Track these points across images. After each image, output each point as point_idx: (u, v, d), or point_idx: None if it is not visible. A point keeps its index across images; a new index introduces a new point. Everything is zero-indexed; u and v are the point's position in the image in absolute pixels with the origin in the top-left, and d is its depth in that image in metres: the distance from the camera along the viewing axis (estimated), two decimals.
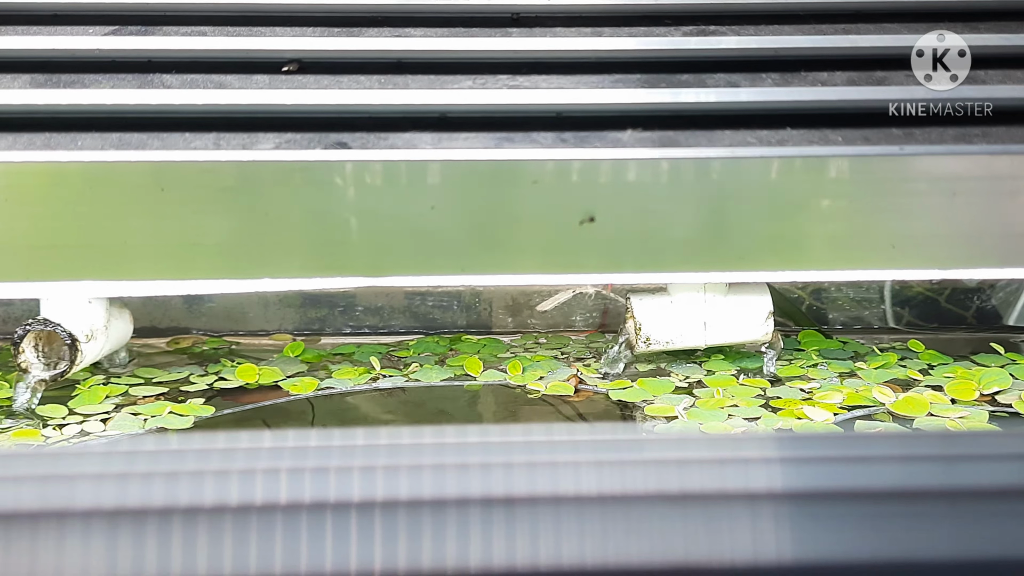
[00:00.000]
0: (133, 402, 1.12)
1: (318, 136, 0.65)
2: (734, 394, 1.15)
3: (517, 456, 0.51)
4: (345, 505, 0.47)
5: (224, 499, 0.46)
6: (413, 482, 0.48)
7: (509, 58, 0.70)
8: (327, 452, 0.50)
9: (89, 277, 0.61)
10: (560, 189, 0.64)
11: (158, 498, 0.46)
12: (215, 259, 0.63)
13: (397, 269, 0.64)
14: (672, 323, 1.19)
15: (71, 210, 0.64)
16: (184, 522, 0.46)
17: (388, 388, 1.19)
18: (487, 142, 0.65)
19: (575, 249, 0.62)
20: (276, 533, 0.45)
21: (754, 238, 0.61)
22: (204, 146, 0.64)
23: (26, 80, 0.69)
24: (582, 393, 1.19)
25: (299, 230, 0.64)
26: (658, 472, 0.52)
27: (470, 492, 0.48)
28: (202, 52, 0.71)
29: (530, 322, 1.43)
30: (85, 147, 0.64)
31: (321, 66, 0.69)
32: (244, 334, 1.36)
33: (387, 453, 0.50)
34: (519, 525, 0.48)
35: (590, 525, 0.49)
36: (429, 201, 0.63)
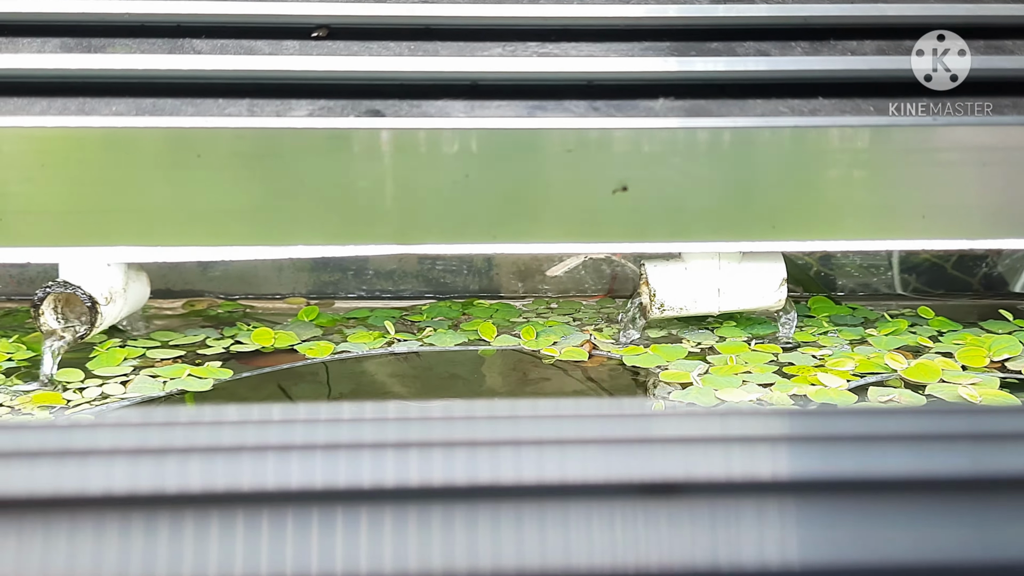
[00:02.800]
0: (151, 364, 1.13)
1: (351, 103, 0.65)
2: (747, 360, 1.16)
3: (534, 432, 0.48)
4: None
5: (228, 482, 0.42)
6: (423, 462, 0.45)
7: (538, 25, 0.70)
8: (337, 426, 0.47)
9: (126, 243, 0.61)
10: (593, 158, 0.64)
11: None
12: (249, 226, 0.63)
13: (430, 237, 0.64)
14: (686, 289, 1.20)
15: (108, 175, 0.64)
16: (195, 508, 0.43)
17: (403, 352, 1.20)
18: (520, 110, 0.65)
19: (608, 218, 0.63)
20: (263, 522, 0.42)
21: (787, 208, 0.61)
22: (238, 112, 0.64)
23: (56, 44, 0.69)
24: (596, 358, 1.19)
25: (332, 198, 0.65)
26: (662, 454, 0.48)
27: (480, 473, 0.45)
28: (231, 17, 0.70)
29: (541, 287, 1.44)
30: (119, 112, 0.65)
31: (350, 32, 0.69)
32: (258, 297, 1.37)
33: (397, 428, 0.47)
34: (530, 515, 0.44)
35: (596, 514, 0.44)
36: (464, 170, 0.63)
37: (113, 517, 0.41)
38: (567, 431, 0.46)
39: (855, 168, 0.61)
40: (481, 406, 0.50)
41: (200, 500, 0.41)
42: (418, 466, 0.43)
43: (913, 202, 0.62)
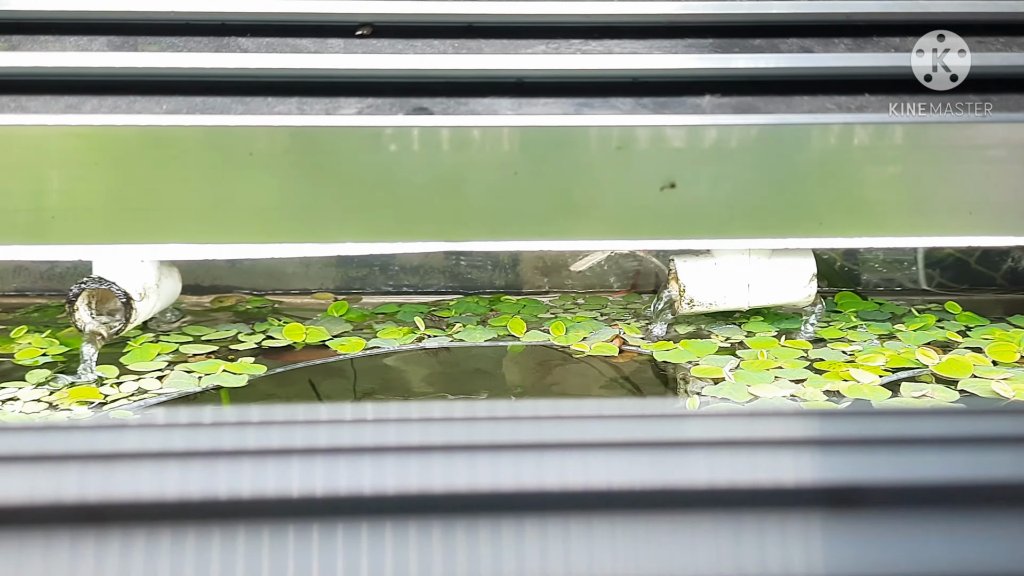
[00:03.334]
0: (184, 360, 1.14)
1: (399, 101, 0.65)
2: (777, 356, 1.16)
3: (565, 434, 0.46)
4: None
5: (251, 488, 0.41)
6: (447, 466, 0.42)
7: (581, 22, 0.71)
8: (361, 428, 0.45)
9: (179, 240, 0.62)
10: (641, 155, 0.64)
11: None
12: (299, 223, 0.63)
13: (479, 235, 0.65)
14: (716, 285, 1.20)
15: (160, 173, 0.65)
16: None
17: (434, 348, 1.21)
18: (567, 108, 0.65)
19: (656, 215, 0.63)
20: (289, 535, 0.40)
21: (835, 204, 0.61)
22: (288, 111, 0.65)
23: (103, 42, 0.69)
24: (626, 354, 1.20)
25: (381, 195, 0.65)
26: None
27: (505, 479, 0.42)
28: (276, 15, 0.71)
29: (566, 283, 1.44)
30: (170, 111, 0.65)
31: (393, 30, 0.69)
32: (286, 293, 1.38)
33: (419, 429, 0.45)
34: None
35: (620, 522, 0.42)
36: (512, 167, 0.63)
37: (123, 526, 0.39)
38: (596, 433, 0.45)
39: (902, 164, 0.61)
40: (508, 407, 0.49)
41: (223, 508, 0.40)
42: (444, 471, 0.42)
43: (960, 198, 0.62)
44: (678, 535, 0.41)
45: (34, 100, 0.65)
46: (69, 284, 1.36)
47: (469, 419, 0.46)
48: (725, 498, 0.42)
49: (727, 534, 0.41)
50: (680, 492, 0.42)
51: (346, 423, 0.45)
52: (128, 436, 0.43)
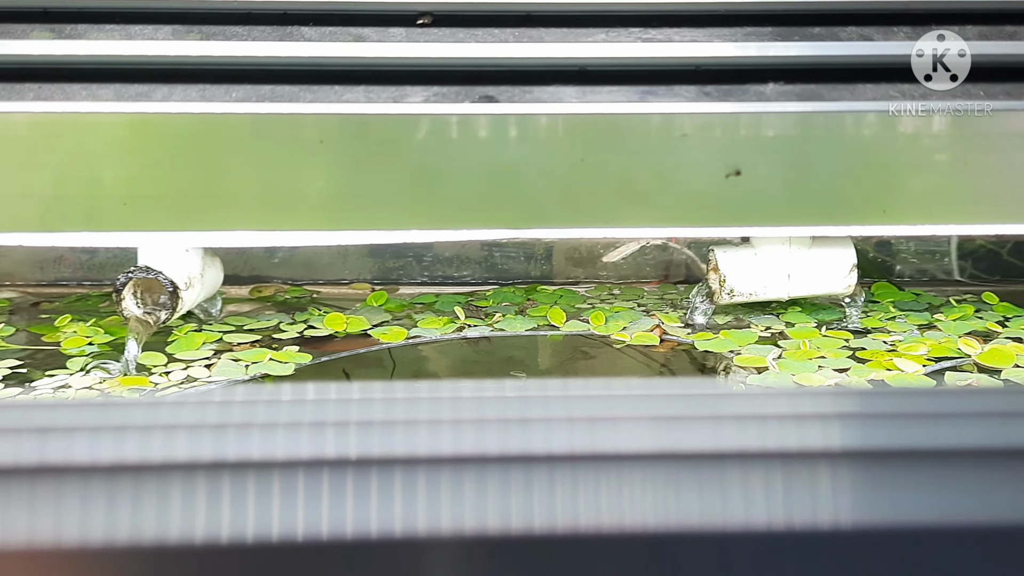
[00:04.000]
0: (229, 348, 1.15)
1: (464, 89, 0.66)
2: (819, 345, 1.17)
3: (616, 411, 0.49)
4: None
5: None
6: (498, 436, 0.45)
7: (640, 11, 0.71)
8: (413, 404, 0.48)
9: (244, 227, 0.62)
10: (707, 142, 0.65)
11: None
12: (369, 210, 0.64)
13: (544, 222, 0.65)
14: (756, 275, 1.21)
15: (234, 160, 0.65)
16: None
17: (475, 337, 1.21)
18: (631, 96, 0.66)
19: (722, 202, 0.63)
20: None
21: (901, 192, 0.62)
22: (356, 99, 0.65)
23: (168, 31, 0.70)
24: (667, 343, 1.20)
25: (448, 182, 0.65)
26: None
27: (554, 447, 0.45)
28: (337, 4, 0.71)
29: (599, 273, 1.45)
30: (239, 99, 0.66)
31: (454, 19, 0.70)
32: (324, 283, 1.38)
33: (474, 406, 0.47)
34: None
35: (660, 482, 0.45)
36: (579, 154, 0.64)
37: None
38: (626, 408, 0.48)
39: (968, 153, 0.61)
40: (541, 385, 0.51)
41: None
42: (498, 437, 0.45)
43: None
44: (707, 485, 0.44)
45: (105, 88, 0.66)
46: (109, 273, 1.37)
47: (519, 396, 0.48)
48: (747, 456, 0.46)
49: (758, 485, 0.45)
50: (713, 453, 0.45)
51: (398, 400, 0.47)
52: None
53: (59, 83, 0.67)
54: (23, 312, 1.27)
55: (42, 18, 0.70)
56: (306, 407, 0.46)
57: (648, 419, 0.48)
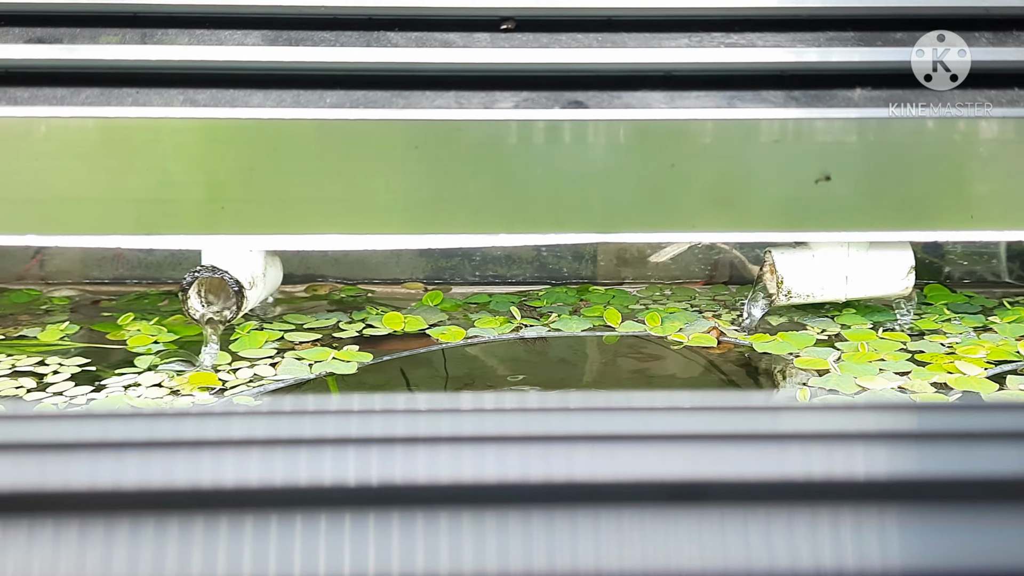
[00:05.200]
0: (291, 347, 1.16)
1: (553, 95, 0.66)
2: (876, 348, 1.17)
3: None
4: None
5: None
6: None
7: (721, 15, 0.71)
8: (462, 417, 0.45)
9: (342, 231, 0.63)
10: (796, 148, 0.65)
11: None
12: (460, 214, 0.65)
13: (632, 226, 0.66)
14: (814, 277, 1.21)
15: (324, 165, 0.66)
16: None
17: (532, 337, 1.22)
18: (719, 101, 0.66)
19: (811, 207, 0.64)
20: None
21: (987, 198, 0.62)
22: (447, 104, 0.66)
23: (257, 36, 0.71)
24: (724, 345, 1.21)
25: (538, 186, 0.66)
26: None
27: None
28: (422, 10, 0.72)
29: (646, 273, 1.45)
30: (333, 104, 0.66)
31: (535, 24, 0.71)
32: (377, 282, 1.39)
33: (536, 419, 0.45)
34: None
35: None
36: (669, 159, 0.64)
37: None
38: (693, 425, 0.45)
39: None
40: (586, 399, 0.48)
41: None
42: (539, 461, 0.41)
43: None
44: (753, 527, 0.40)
45: (202, 93, 0.67)
46: (165, 272, 1.39)
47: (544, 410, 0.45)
48: (804, 489, 0.41)
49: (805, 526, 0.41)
50: (766, 484, 0.42)
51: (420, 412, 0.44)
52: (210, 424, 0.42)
53: (158, 88, 0.68)
54: (83, 310, 1.28)
55: (131, 22, 0.71)
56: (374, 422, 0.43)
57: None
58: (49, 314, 1.26)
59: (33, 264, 1.39)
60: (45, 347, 1.14)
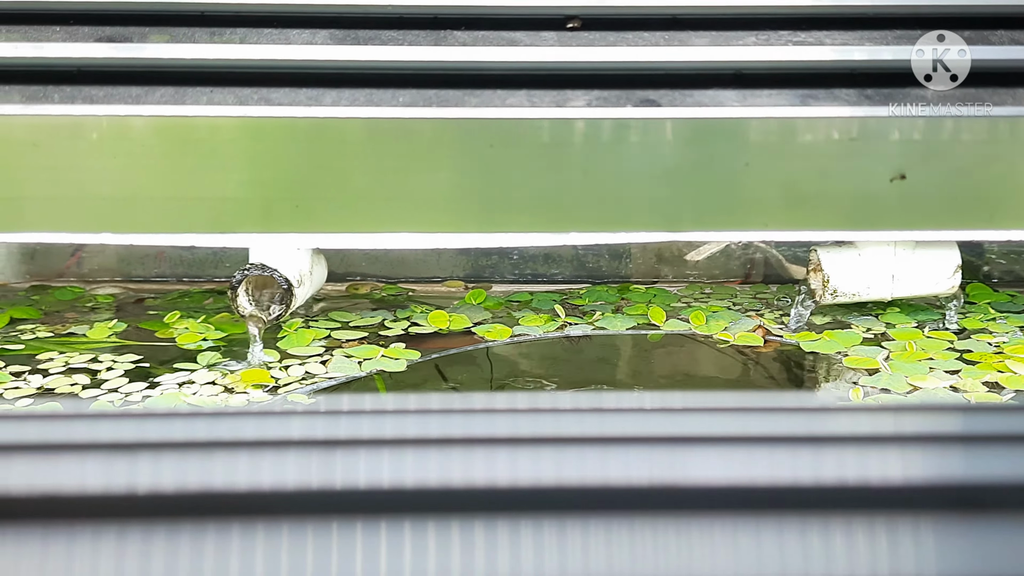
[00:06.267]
0: (338, 345, 1.16)
1: (625, 93, 0.66)
2: (924, 347, 1.16)
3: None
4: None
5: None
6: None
7: (787, 14, 0.71)
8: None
9: (416, 229, 0.64)
10: (870, 146, 0.65)
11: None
12: (532, 213, 0.65)
13: (703, 225, 0.66)
14: (860, 276, 1.20)
15: (398, 163, 0.66)
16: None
17: (577, 336, 1.22)
18: (791, 99, 0.66)
19: (886, 206, 0.64)
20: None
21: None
22: (520, 103, 0.66)
23: (325, 36, 0.71)
24: (770, 343, 1.20)
25: (609, 185, 0.66)
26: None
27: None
28: (486, 9, 0.72)
29: (684, 271, 1.45)
30: (406, 103, 0.67)
31: (601, 22, 0.71)
32: (417, 280, 1.40)
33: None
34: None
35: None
36: (743, 158, 0.64)
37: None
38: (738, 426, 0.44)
39: None
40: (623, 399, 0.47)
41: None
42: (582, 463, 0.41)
43: None
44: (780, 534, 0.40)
45: (276, 92, 0.67)
46: (207, 270, 1.39)
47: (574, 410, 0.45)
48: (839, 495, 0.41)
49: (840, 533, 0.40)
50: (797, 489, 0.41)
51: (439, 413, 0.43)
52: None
53: (231, 87, 0.69)
54: (128, 308, 1.29)
55: (199, 21, 0.71)
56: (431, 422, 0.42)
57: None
58: (95, 312, 1.26)
59: (72, 262, 1.39)
60: (96, 344, 1.14)
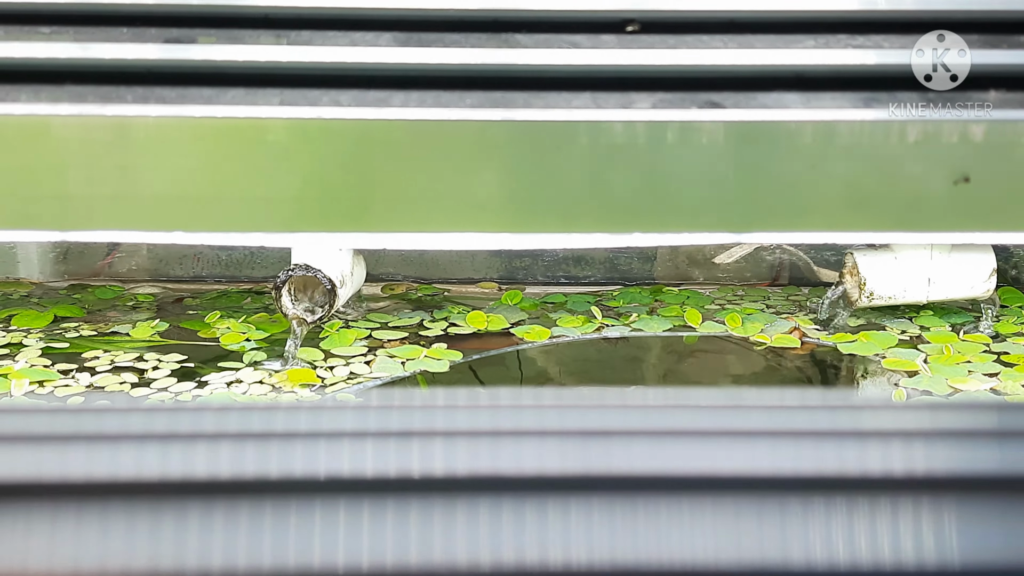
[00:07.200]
0: (380, 345, 1.17)
1: (689, 96, 0.67)
2: (960, 349, 1.17)
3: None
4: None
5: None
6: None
7: (844, 18, 0.72)
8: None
9: (485, 230, 0.65)
10: (933, 149, 0.66)
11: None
12: (595, 213, 0.66)
13: (767, 226, 0.67)
14: (897, 279, 1.21)
15: (467, 165, 0.67)
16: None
17: (615, 337, 1.23)
18: (855, 102, 0.67)
19: (949, 209, 0.65)
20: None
21: None
22: (585, 105, 0.67)
23: (389, 38, 0.72)
24: (807, 345, 1.21)
25: (674, 186, 0.67)
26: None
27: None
28: (546, 12, 0.73)
29: (713, 274, 1.46)
30: (473, 105, 0.68)
31: (659, 25, 0.72)
32: (451, 282, 1.41)
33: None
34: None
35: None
36: (809, 161, 0.65)
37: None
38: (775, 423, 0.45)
39: None
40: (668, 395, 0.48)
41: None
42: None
43: None
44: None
45: (345, 94, 0.68)
46: (244, 270, 1.40)
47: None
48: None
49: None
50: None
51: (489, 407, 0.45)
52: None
53: (301, 88, 0.70)
54: (168, 307, 1.30)
55: (264, 24, 0.72)
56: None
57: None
58: (136, 311, 1.27)
59: (107, 262, 1.41)
60: (139, 343, 1.15)
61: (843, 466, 0.44)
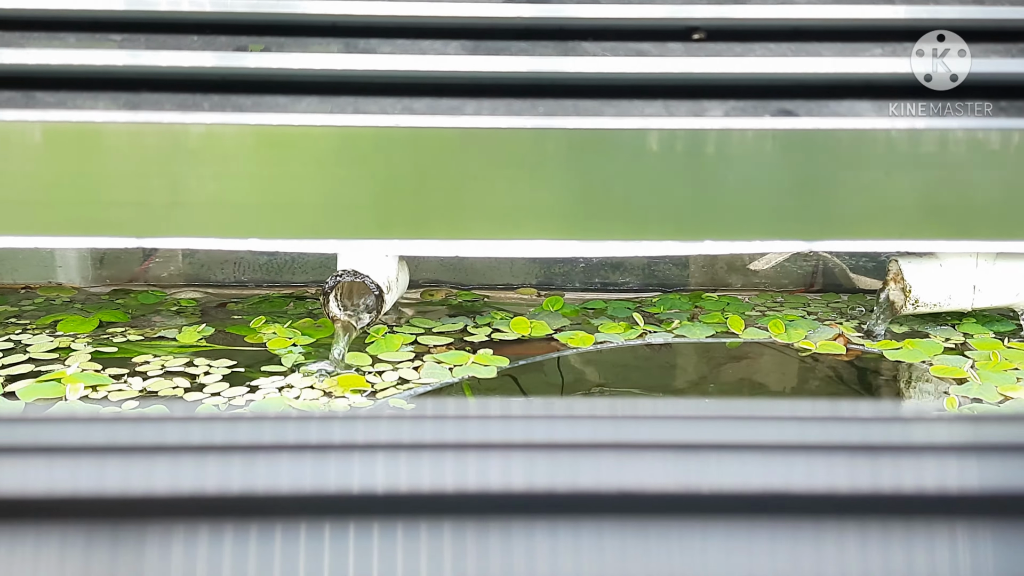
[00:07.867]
0: (426, 350, 1.17)
1: (761, 103, 0.67)
2: (1007, 357, 1.17)
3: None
4: None
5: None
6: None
7: (908, 26, 0.72)
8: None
9: (560, 237, 0.65)
10: (1009, 157, 0.66)
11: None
12: (664, 221, 0.66)
13: (842, 233, 0.67)
14: (942, 286, 1.21)
15: (540, 172, 0.68)
16: None
17: (658, 343, 1.23)
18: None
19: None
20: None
21: None
22: (658, 112, 0.67)
23: (457, 46, 0.73)
24: (851, 352, 1.21)
25: (746, 194, 0.67)
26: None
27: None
28: (611, 21, 0.73)
29: (755, 281, 1.46)
30: (546, 113, 0.68)
31: (725, 33, 0.72)
32: (490, 287, 1.41)
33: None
34: None
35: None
36: (883, 168, 0.65)
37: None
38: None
39: None
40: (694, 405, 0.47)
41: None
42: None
43: None
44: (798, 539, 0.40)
45: (418, 102, 0.68)
46: (285, 276, 1.41)
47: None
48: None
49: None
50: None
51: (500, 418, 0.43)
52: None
53: (375, 96, 0.70)
54: (211, 312, 1.30)
55: (331, 32, 0.73)
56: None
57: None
58: (180, 316, 1.28)
59: (144, 267, 1.41)
60: (187, 348, 1.16)
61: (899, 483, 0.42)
